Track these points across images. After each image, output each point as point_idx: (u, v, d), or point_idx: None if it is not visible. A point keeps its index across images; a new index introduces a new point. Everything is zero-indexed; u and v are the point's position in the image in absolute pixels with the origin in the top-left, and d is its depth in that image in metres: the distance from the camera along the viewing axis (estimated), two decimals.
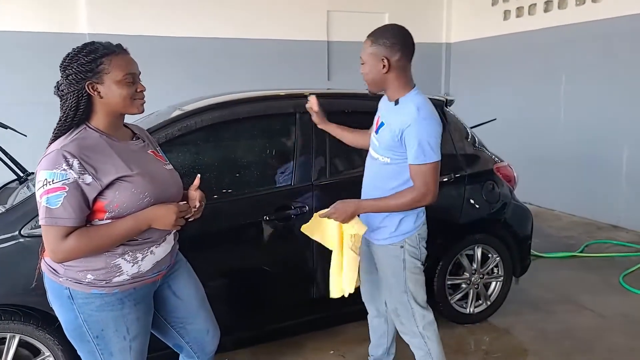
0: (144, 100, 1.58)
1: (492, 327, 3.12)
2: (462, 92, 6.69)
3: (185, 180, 1.77)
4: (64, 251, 1.44)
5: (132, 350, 1.62)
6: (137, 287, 1.60)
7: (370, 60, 1.91)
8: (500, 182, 3.08)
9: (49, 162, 1.42)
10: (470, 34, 6.70)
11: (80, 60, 1.47)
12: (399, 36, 1.89)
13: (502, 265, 3.12)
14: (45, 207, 1.41)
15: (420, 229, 2.06)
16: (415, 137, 1.82)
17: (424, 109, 1.86)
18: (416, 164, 1.85)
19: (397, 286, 2.07)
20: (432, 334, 2.13)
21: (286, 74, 5.70)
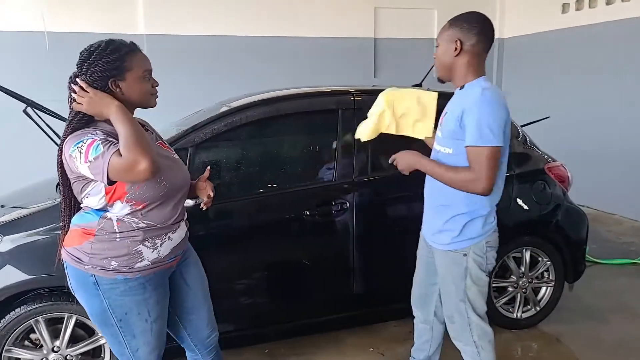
0: (157, 94, 1.66)
1: (541, 334, 3.00)
2: (515, 89, 6.45)
3: (224, 174, 1.83)
4: (134, 154, 1.44)
5: (153, 331, 1.71)
6: (157, 272, 1.68)
7: (444, 42, 1.86)
8: (552, 183, 2.95)
9: (74, 139, 1.51)
10: (525, 28, 6.44)
11: (105, 58, 1.53)
12: (478, 22, 1.82)
13: (553, 269, 2.99)
14: (95, 159, 1.45)
15: (490, 236, 1.91)
16: (474, 117, 1.72)
17: (489, 92, 1.76)
18: (470, 145, 1.73)
19: (456, 294, 1.95)
20: (487, 345, 2.01)
21: (332, 72, 5.71)
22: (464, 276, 1.91)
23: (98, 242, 1.59)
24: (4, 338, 2.15)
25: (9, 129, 4.56)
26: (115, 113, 1.52)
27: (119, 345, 1.71)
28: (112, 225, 1.59)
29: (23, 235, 2.18)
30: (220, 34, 5.58)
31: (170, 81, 5.52)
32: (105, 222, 1.59)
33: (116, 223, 1.59)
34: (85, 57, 1.55)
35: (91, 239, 1.60)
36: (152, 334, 1.71)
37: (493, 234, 1.93)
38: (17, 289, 2.14)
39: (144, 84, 1.60)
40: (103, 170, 1.46)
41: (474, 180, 1.74)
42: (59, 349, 2.25)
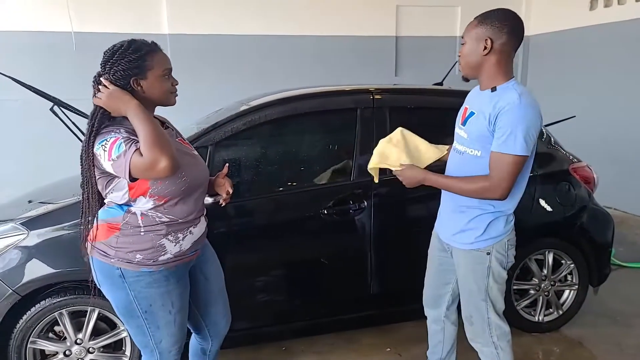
0: (177, 93, 1.70)
1: (563, 338, 2.94)
2: (540, 88, 6.31)
3: (243, 172, 1.86)
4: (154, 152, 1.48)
5: (176, 323, 1.77)
6: (178, 265, 1.74)
7: (471, 40, 1.77)
8: (576, 184, 2.88)
9: (99, 137, 1.56)
10: (551, 25, 6.30)
11: (127, 58, 1.58)
12: (509, 19, 1.74)
13: (576, 272, 2.93)
14: (118, 157, 1.50)
15: (510, 234, 1.90)
16: (510, 122, 1.65)
17: (526, 97, 1.69)
18: (500, 151, 1.68)
19: (478, 294, 1.93)
20: (506, 345, 1.99)
21: (353, 71, 5.69)
22: (487, 275, 1.89)
23: (123, 236, 1.65)
24: (29, 329, 2.21)
25: (37, 126, 4.70)
26: (133, 111, 1.56)
27: (143, 337, 1.77)
28: (136, 219, 1.64)
29: (49, 230, 2.24)
30: (242, 33, 5.63)
31: (193, 80, 5.63)
32: (130, 217, 1.65)
33: (140, 217, 1.64)
34: (109, 56, 1.60)
35: (117, 233, 1.65)
36: (175, 326, 1.77)
37: (512, 232, 1.92)
38: (43, 282, 2.20)
39: (164, 82, 1.65)
40: (125, 169, 1.50)
41: (495, 188, 1.72)
42: (81, 341, 2.31)
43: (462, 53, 1.82)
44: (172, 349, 1.81)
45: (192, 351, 2.10)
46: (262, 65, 5.70)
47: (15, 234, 2.21)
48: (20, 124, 5.06)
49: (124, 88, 1.59)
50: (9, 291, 2.15)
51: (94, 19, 5.15)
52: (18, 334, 2.20)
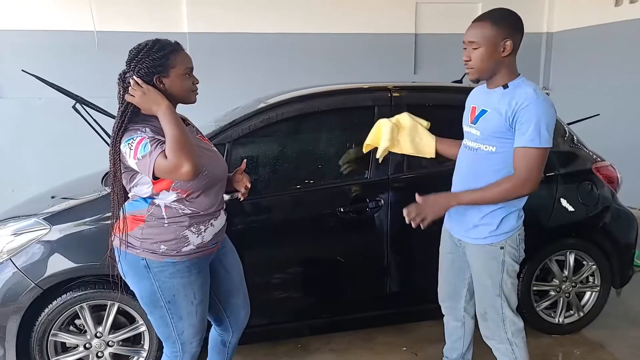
0: (198, 92, 1.75)
1: (583, 340, 2.88)
2: (563, 85, 6.20)
3: (260, 170, 1.88)
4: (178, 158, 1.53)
5: (198, 314, 1.83)
6: (200, 257, 1.80)
7: (487, 42, 1.75)
8: (599, 184, 2.82)
9: (125, 137, 1.62)
10: (576, 22, 6.17)
11: (152, 56, 1.63)
12: (518, 19, 1.80)
13: (598, 274, 2.87)
14: (143, 157, 1.57)
15: (520, 229, 1.93)
16: (533, 116, 1.69)
17: (540, 92, 1.75)
18: (527, 146, 1.70)
19: (492, 289, 1.94)
20: (521, 342, 1.99)
21: (371, 68, 5.66)
22: (501, 270, 1.91)
23: (148, 228, 1.71)
24: (50, 323, 2.26)
25: (60, 124, 4.80)
26: (164, 112, 1.61)
27: (165, 328, 1.82)
28: (160, 211, 1.70)
29: (70, 225, 2.29)
30: (260, 31, 5.65)
31: (212, 78, 5.66)
32: (154, 209, 1.71)
33: (164, 209, 1.70)
34: (134, 54, 1.65)
35: (141, 225, 1.71)
36: (197, 317, 1.82)
37: (522, 226, 1.96)
38: (64, 276, 2.25)
39: (185, 80, 1.69)
40: (149, 169, 1.57)
41: (524, 183, 1.74)
42: (101, 334, 2.36)
43: (474, 57, 1.79)
44: (193, 340, 1.86)
45: (211, 344, 2.14)
46: (280, 63, 5.71)
47: (37, 229, 2.26)
48: (44, 122, 5.17)
49: None
50: (31, 285, 2.20)
51: (116, 18, 5.22)
52: (40, 326, 2.25)
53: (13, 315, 2.21)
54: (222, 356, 2.14)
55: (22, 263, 2.22)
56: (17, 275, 2.21)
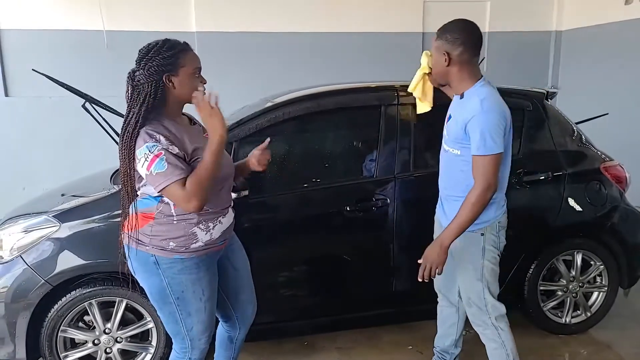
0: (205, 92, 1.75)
1: (590, 340, 2.87)
2: (572, 84, 6.15)
3: (267, 168, 1.90)
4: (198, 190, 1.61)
5: (206, 310, 1.85)
6: (209, 254, 1.82)
7: (434, 53, 2.00)
8: (608, 183, 2.81)
9: (139, 142, 1.63)
10: (585, 20, 6.11)
11: (162, 55, 1.66)
12: (462, 31, 1.93)
13: (606, 274, 2.86)
14: (157, 174, 1.61)
15: (502, 217, 2.05)
16: (477, 128, 1.85)
17: (487, 101, 1.88)
18: (477, 154, 1.87)
19: (474, 274, 2.07)
20: (505, 326, 2.10)
21: (379, 67, 5.65)
22: (482, 255, 2.04)
23: (157, 225, 1.73)
24: (60, 319, 2.29)
25: (69, 122, 4.85)
26: (217, 141, 1.65)
27: (175, 324, 1.84)
28: (169, 209, 1.72)
29: (80, 223, 2.31)
30: (268, 30, 5.66)
31: (219, 77, 5.65)
32: (163, 206, 1.73)
33: (173, 207, 1.72)
34: (144, 53, 1.68)
35: (151, 222, 1.74)
36: (205, 313, 1.85)
37: (503, 215, 2.07)
38: (73, 273, 2.28)
39: (194, 80, 1.72)
40: (159, 186, 1.62)
41: (485, 190, 1.86)
42: (110, 331, 2.38)
43: (431, 64, 2.07)
44: (202, 337, 1.89)
45: (219, 340, 2.16)
46: (287, 62, 5.72)
47: (48, 226, 2.29)
48: (54, 120, 5.22)
49: (157, 84, 1.66)
50: (41, 281, 2.23)
51: (125, 17, 5.26)
52: (49, 322, 2.29)
53: (23, 311, 2.24)
54: (229, 352, 2.16)
55: (32, 260, 2.26)
56: (27, 271, 2.25)
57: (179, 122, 1.76)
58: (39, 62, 4.00)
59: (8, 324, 2.25)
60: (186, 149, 1.69)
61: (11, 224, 2.39)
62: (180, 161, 1.65)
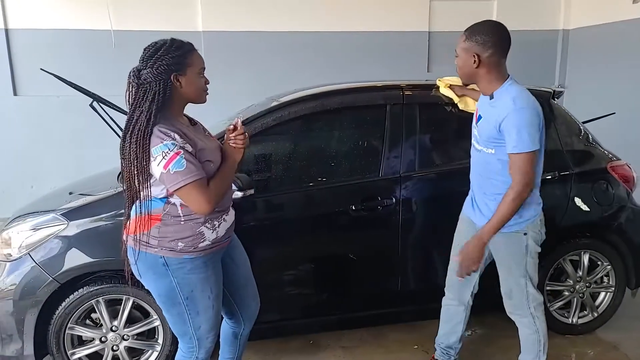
0: (208, 92, 1.80)
1: (597, 341, 2.86)
2: (579, 84, 6.12)
3: (273, 167, 1.91)
4: (215, 195, 1.70)
5: (214, 308, 1.88)
6: (214, 252, 1.85)
7: (462, 54, 2.00)
8: (615, 183, 2.79)
9: (155, 140, 1.62)
10: (593, 19, 6.07)
11: (171, 54, 1.67)
12: (493, 33, 1.94)
13: (613, 274, 2.85)
14: (175, 173, 1.62)
15: (541, 213, 2.10)
16: (513, 126, 1.87)
17: (519, 99, 1.90)
18: (514, 152, 1.89)
19: (517, 271, 2.11)
20: (541, 314, 2.19)
21: (385, 66, 5.64)
22: (525, 253, 2.08)
23: (164, 226, 1.74)
24: (67, 316, 2.31)
25: (77, 121, 4.89)
26: (235, 158, 1.82)
27: (183, 324, 1.85)
28: (176, 209, 1.73)
29: (87, 221, 2.33)
30: (274, 30, 5.67)
31: (226, 76, 5.70)
32: (170, 207, 1.73)
33: (180, 207, 1.73)
34: (152, 52, 1.68)
35: (158, 224, 1.74)
36: (213, 311, 1.87)
37: (541, 211, 2.12)
38: (81, 270, 2.29)
39: (199, 80, 1.75)
40: (176, 185, 1.63)
41: (525, 187, 1.90)
42: (117, 328, 2.40)
43: (457, 64, 2.05)
44: (209, 335, 1.90)
45: (223, 336, 2.17)
46: (294, 61, 5.73)
47: (55, 224, 2.31)
48: (62, 119, 5.26)
49: (165, 83, 1.66)
50: (49, 279, 2.25)
51: (132, 17, 5.29)
52: (57, 320, 2.30)
53: (31, 308, 2.26)
54: (234, 348, 2.17)
55: (40, 257, 2.27)
56: (36, 269, 2.27)
57: (182, 122, 1.77)
58: (47, 62, 4.04)
59: (16, 321, 2.27)
60: (196, 148, 1.70)
61: (19, 222, 2.41)
62: (195, 160, 1.66)
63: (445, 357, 2.48)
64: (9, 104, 5.24)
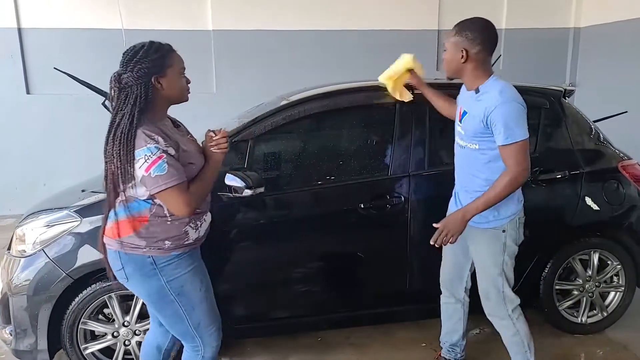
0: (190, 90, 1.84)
1: (606, 340, 2.84)
2: (590, 82, 6.07)
3: (282, 166, 1.92)
4: (195, 198, 1.74)
5: (208, 300, 1.91)
6: (195, 249, 1.90)
7: (451, 48, 2.02)
8: (626, 182, 2.78)
9: (138, 142, 1.65)
10: (605, 17, 6.01)
11: (150, 57, 1.70)
12: (482, 30, 1.98)
13: (623, 274, 2.83)
14: (156, 177, 1.65)
15: (521, 211, 2.11)
16: (500, 118, 1.89)
17: (506, 92, 1.93)
18: (506, 144, 1.90)
19: (494, 269, 2.12)
20: (520, 316, 2.19)
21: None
22: (502, 251, 2.10)
23: (152, 227, 1.76)
24: (81, 311, 2.35)
25: (89, 120, 4.93)
26: (217, 161, 1.85)
27: (181, 322, 1.86)
28: (163, 210, 1.75)
29: (100, 218, 2.35)
30: (284, 28, 5.69)
31: (236, 75, 5.73)
32: (156, 208, 1.75)
33: (166, 208, 1.75)
34: (132, 56, 1.70)
35: (145, 225, 1.75)
36: (208, 302, 1.89)
37: (522, 211, 2.13)
38: (93, 267, 2.32)
39: (180, 80, 1.78)
40: (157, 188, 1.66)
41: (518, 174, 1.91)
42: (129, 323, 2.44)
43: (444, 58, 2.08)
44: (210, 330, 1.91)
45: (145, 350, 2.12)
46: (303, 60, 5.74)
47: (69, 221, 2.35)
48: (74, 118, 5.32)
49: (146, 85, 1.68)
50: (62, 274, 2.29)
51: (143, 16, 5.34)
52: (70, 315, 2.34)
53: (45, 303, 2.30)
54: None
55: (54, 254, 2.31)
56: (49, 265, 2.31)
57: (166, 124, 1.80)
58: (59, 61, 4.09)
59: (30, 316, 2.31)
60: (179, 151, 1.72)
61: (33, 219, 2.45)
62: (177, 164, 1.69)
63: (452, 354, 2.50)
64: (22, 102, 5.32)
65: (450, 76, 2.12)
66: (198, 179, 1.78)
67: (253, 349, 2.80)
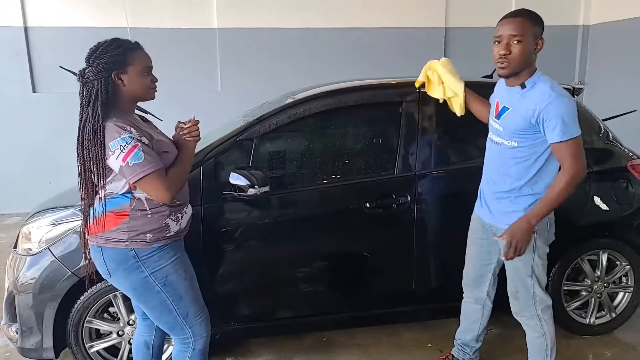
0: (156, 89, 1.84)
1: (615, 342, 2.81)
2: (599, 81, 6.01)
3: (287, 165, 1.89)
4: (175, 183, 1.76)
5: (194, 288, 1.92)
6: (178, 241, 1.90)
7: (529, 39, 1.89)
8: (635, 182, 2.74)
9: (111, 134, 1.66)
10: (614, 14, 5.96)
11: (109, 53, 1.71)
12: (542, 21, 1.96)
13: (632, 274, 2.80)
14: (134, 165, 1.66)
15: (550, 213, 2.03)
16: (558, 113, 1.83)
17: (557, 88, 1.89)
18: (562, 140, 1.85)
19: (524, 270, 2.08)
20: (549, 318, 2.14)
21: (400, 63, 5.60)
22: (533, 252, 2.04)
23: (132, 221, 1.77)
24: (86, 310, 2.35)
25: None
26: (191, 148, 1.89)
27: (169, 314, 1.87)
28: (142, 204, 1.77)
29: None
30: (289, 26, 5.68)
31: (241, 73, 5.71)
32: (136, 202, 1.77)
33: (145, 202, 1.77)
34: (93, 51, 1.73)
35: (125, 219, 1.76)
36: (194, 291, 1.92)
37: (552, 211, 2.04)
38: None
39: (143, 78, 1.78)
40: (136, 176, 1.67)
41: (578, 171, 1.86)
42: (133, 322, 2.43)
43: (515, 50, 1.88)
44: (199, 318, 1.92)
45: (135, 347, 2.14)
46: (309, 58, 5.73)
47: (74, 219, 2.34)
48: None
49: (106, 81, 1.70)
50: (68, 273, 2.29)
51: (148, 15, 5.33)
52: (76, 313, 2.35)
53: (50, 302, 2.31)
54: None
55: (60, 252, 2.32)
56: (55, 263, 2.31)
57: (136, 117, 1.83)
58: (65, 59, 4.07)
59: (36, 314, 2.32)
60: (152, 140, 1.75)
61: (39, 217, 2.45)
62: (152, 152, 1.72)
63: (461, 353, 2.48)
64: (28, 101, 5.34)
65: (515, 71, 1.92)
66: (175, 165, 1.81)
67: (257, 349, 2.79)
